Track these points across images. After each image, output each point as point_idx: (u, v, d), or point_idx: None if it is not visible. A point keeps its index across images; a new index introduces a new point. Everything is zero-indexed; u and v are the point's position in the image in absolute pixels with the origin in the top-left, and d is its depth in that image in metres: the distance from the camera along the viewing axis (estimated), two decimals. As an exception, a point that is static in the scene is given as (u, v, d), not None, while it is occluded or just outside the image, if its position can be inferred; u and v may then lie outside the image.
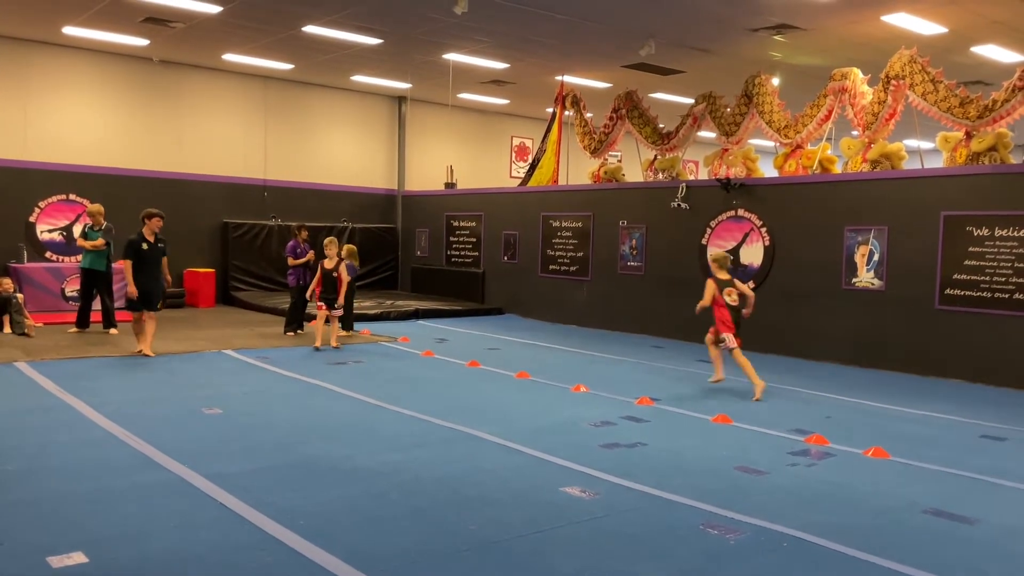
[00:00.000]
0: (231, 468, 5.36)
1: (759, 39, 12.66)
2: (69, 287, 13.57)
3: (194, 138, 16.12)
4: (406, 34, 13.01)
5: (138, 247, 9.62)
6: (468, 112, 20.05)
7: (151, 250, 9.72)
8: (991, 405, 8.43)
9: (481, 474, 5.44)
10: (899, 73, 10.65)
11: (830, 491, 5.33)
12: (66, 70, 14.61)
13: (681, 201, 12.76)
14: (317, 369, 9.19)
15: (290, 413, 7.09)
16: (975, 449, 6.62)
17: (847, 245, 10.83)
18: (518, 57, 14.44)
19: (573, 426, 6.91)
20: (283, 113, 17.24)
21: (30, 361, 9.03)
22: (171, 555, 3.94)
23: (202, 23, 12.67)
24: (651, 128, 14.30)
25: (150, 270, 9.69)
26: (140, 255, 9.60)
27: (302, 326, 12.09)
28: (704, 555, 4.18)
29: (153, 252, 9.74)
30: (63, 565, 3.77)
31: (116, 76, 15.13)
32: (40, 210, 14.41)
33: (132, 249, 9.60)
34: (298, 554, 4.00)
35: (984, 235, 9.59)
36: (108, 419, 6.56)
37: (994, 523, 4.80)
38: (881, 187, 10.63)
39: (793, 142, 12.21)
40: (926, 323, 10.08)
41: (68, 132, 14.73)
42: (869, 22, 11.57)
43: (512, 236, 15.96)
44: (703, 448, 6.34)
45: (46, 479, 5.05)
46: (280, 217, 16.84)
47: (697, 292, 12.55)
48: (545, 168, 16.39)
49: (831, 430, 6.99)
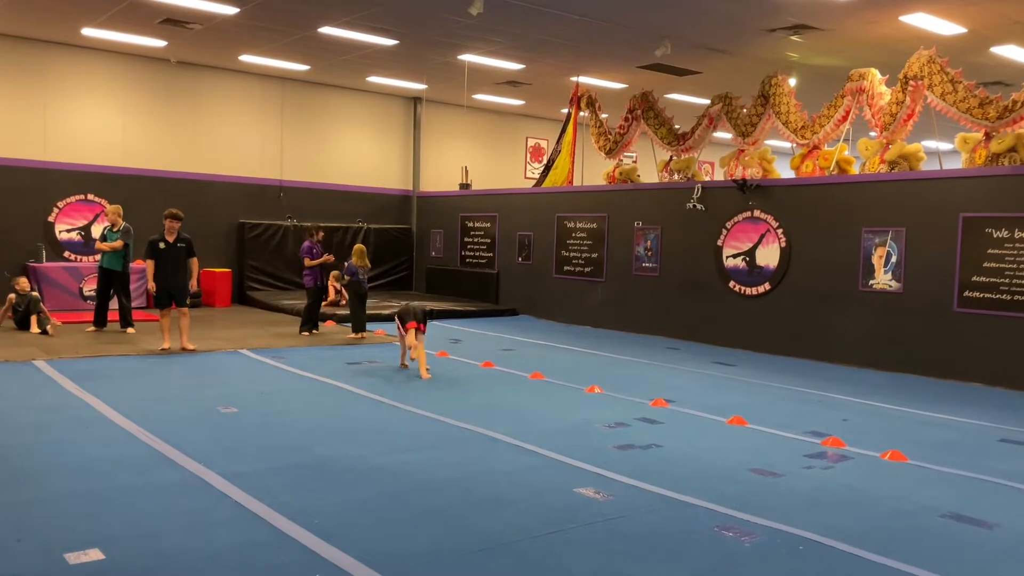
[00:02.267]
0: (247, 467, 5.38)
1: (776, 39, 12.59)
2: (87, 287, 13.69)
3: (211, 139, 16.22)
4: (422, 35, 13.04)
5: (154, 246, 9.97)
6: (483, 113, 20.06)
7: (168, 249, 9.97)
8: (1010, 409, 8.34)
9: (495, 475, 5.44)
10: (917, 74, 10.56)
11: (847, 494, 5.29)
12: (85, 71, 14.74)
13: (697, 202, 12.71)
14: (332, 369, 9.22)
15: (305, 413, 7.11)
16: (994, 453, 6.55)
17: (864, 247, 10.75)
18: (533, 58, 14.44)
19: (587, 427, 6.89)
20: (299, 114, 17.31)
21: (48, 359, 9.12)
22: (187, 553, 3.96)
23: (219, 24, 12.75)
24: (666, 129, 14.26)
25: (164, 268, 9.96)
26: (156, 253, 9.95)
27: (317, 326, 12.14)
28: (719, 558, 4.16)
29: (171, 251, 9.99)
30: (80, 562, 3.80)
31: (134, 77, 15.25)
32: (59, 210, 14.54)
33: (148, 248, 10.01)
34: (313, 553, 4.01)
35: (1003, 237, 9.49)
36: (125, 417, 6.61)
37: (1012, 528, 4.75)
38: (899, 188, 10.55)
39: (810, 143, 12.14)
40: (944, 326, 9.99)
41: (86, 133, 14.85)
42: (887, 22, 11.48)
43: (527, 237, 15.95)
44: (718, 450, 6.31)
45: (63, 477, 5.09)
46: (296, 217, 16.91)
47: (712, 294, 12.61)
48: (560, 169, 16.38)
49: (848, 433, 6.94)
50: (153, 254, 9.93)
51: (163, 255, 9.93)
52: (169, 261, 9.96)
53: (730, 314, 12.33)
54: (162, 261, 9.93)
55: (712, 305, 12.59)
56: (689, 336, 12.83)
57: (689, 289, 12.90)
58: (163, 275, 9.94)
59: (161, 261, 9.93)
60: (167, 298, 10.03)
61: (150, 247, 9.96)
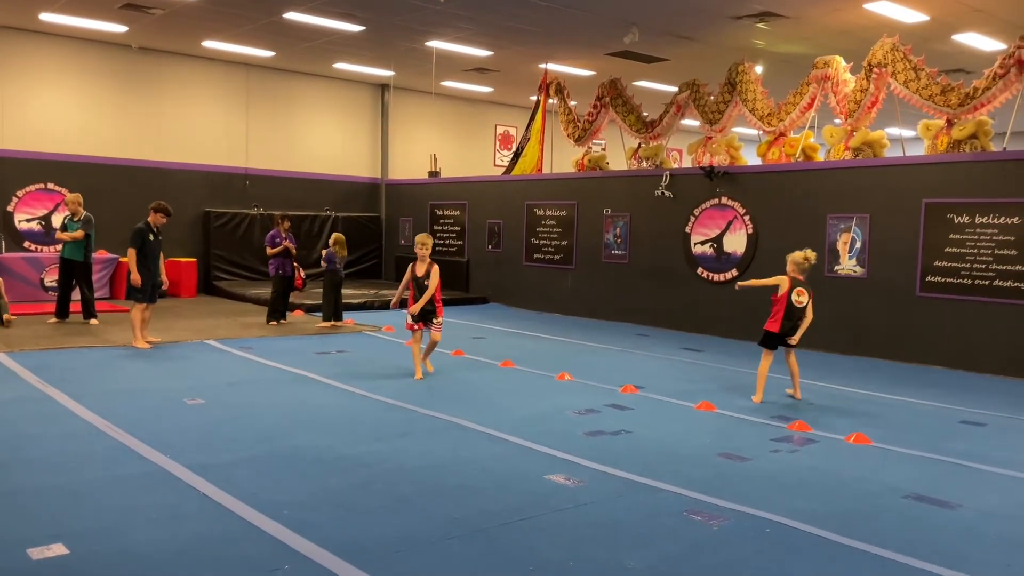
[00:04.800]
0: (214, 459, 5.32)
1: (742, 27, 12.66)
2: (48, 277, 13.42)
3: (175, 126, 15.95)
4: (389, 21, 12.91)
5: (143, 235, 9.55)
6: (452, 100, 19.95)
7: (154, 241, 9.69)
8: (971, 391, 8.52)
9: (465, 463, 5.43)
10: (881, 61, 10.69)
11: (813, 477, 5.37)
12: (43, 57, 14.40)
13: (665, 189, 12.77)
14: (300, 359, 9.14)
15: (273, 403, 7.05)
16: (955, 434, 6.68)
17: (829, 233, 10.88)
18: (502, 45, 14.37)
19: (558, 414, 6.91)
20: (265, 101, 17.09)
21: (9, 352, 8.93)
22: (153, 547, 3.91)
23: (181, 9, 12.51)
24: (635, 116, 14.29)
25: (150, 261, 9.61)
26: (144, 243, 9.53)
27: (285, 315, 12.03)
28: (688, 542, 4.20)
29: (156, 244, 9.73)
30: (43, 557, 3.73)
31: (94, 63, 14.93)
32: (18, 199, 14.23)
33: (140, 237, 9.51)
34: (283, 544, 3.98)
35: (965, 222, 9.66)
36: (88, 410, 6.50)
37: (974, 507, 4.85)
38: (863, 175, 10.68)
39: (776, 130, 12.24)
40: (907, 310, 10.16)
41: (46, 120, 14.53)
42: (852, 10, 11.59)
43: (496, 225, 15.93)
44: (687, 435, 6.37)
45: (25, 471, 5.00)
46: (262, 206, 16.72)
47: (681, 280, 12.69)
48: (529, 156, 16.35)
49: (813, 416, 7.05)
50: (141, 243, 9.48)
51: (150, 246, 9.59)
52: (154, 254, 9.66)
53: (698, 300, 12.43)
54: (147, 253, 9.56)
55: (681, 292, 12.68)
56: (658, 323, 12.91)
57: (658, 276, 12.97)
58: (149, 268, 9.55)
59: (147, 253, 9.55)
60: (152, 292, 9.64)
61: (138, 235, 9.49)
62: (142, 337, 9.61)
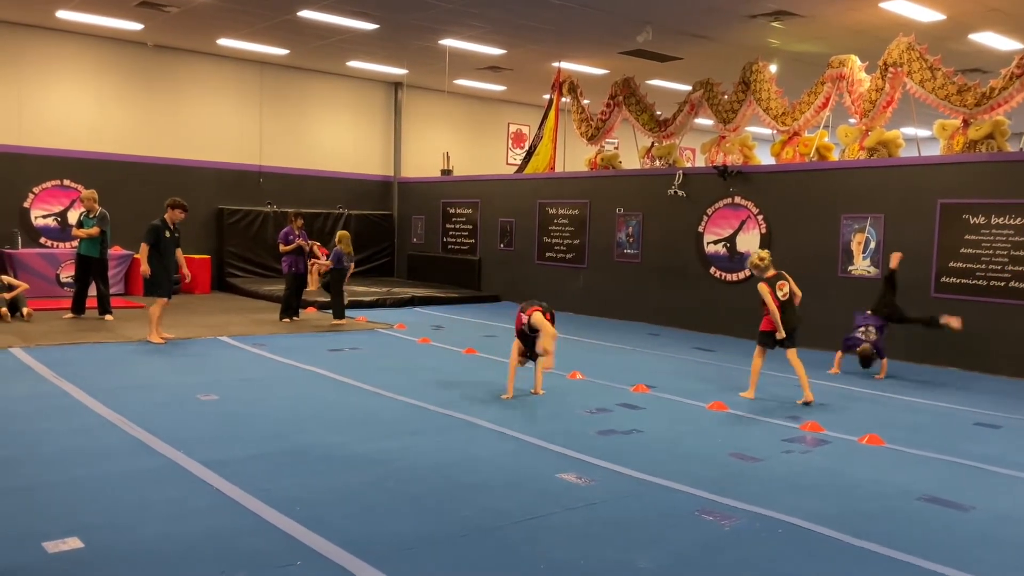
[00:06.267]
0: (227, 455, 5.35)
1: (757, 26, 12.60)
2: (64, 273, 13.53)
3: (189, 124, 16.03)
4: (402, 19, 12.93)
5: (158, 232, 9.66)
6: (464, 98, 19.95)
7: (170, 238, 9.80)
8: (985, 393, 8.46)
9: (477, 461, 5.44)
10: (897, 60, 10.62)
11: (825, 478, 5.35)
12: (60, 55, 14.50)
13: (678, 188, 12.74)
14: (313, 356, 9.17)
15: (286, 400, 7.08)
16: (970, 436, 6.64)
17: (843, 233, 10.82)
18: (515, 43, 14.37)
19: (569, 413, 6.91)
20: (279, 99, 17.14)
21: (25, 347, 9.01)
22: (166, 541, 3.94)
23: (197, 7, 12.57)
24: (648, 115, 14.26)
25: (166, 257, 9.74)
26: (159, 240, 9.66)
27: (298, 312, 12.08)
28: (699, 542, 4.19)
29: (172, 241, 9.84)
30: (59, 551, 3.77)
31: (110, 61, 15.02)
32: (34, 196, 14.34)
33: (155, 234, 9.64)
34: (294, 540, 4.00)
35: (980, 223, 9.59)
36: (103, 405, 6.55)
37: (988, 509, 4.82)
38: (878, 175, 10.61)
39: (790, 129, 12.19)
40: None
41: (62, 117, 14.63)
42: (867, 9, 11.52)
43: (508, 223, 15.93)
44: (698, 435, 6.35)
45: (40, 465, 5.04)
46: (276, 204, 16.78)
47: (693, 280, 12.65)
48: (542, 155, 16.35)
49: (826, 417, 7.01)
50: (156, 239, 9.62)
51: (165, 243, 9.72)
52: (170, 250, 9.79)
53: (711, 300, 12.39)
54: (163, 249, 9.69)
55: (693, 291, 12.64)
56: (670, 322, 12.88)
57: (670, 275, 12.94)
58: (165, 264, 9.68)
59: (163, 249, 9.68)
60: (169, 287, 9.75)
61: (153, 231, 9.62)
62: (157, 333, 9.68)
